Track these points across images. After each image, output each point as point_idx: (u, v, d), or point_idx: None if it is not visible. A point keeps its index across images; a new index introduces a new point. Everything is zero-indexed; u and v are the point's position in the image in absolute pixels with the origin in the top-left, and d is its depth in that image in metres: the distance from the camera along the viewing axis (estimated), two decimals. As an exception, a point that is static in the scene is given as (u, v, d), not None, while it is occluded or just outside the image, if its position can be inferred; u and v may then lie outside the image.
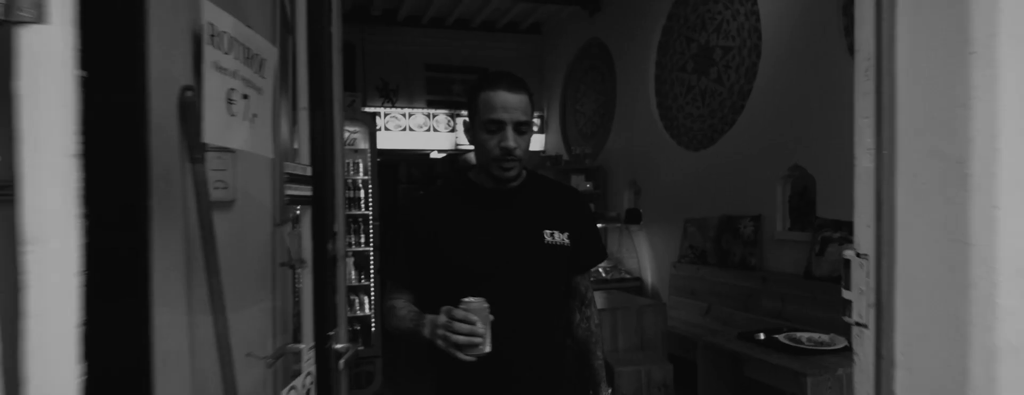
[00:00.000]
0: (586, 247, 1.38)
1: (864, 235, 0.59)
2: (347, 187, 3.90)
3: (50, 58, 0.53)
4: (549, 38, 7.02)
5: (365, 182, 4.04)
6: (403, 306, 1.31)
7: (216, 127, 0.81)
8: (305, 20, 1.18)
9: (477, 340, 1.11)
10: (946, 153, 0.49)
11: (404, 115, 6.73)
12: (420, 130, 6.79)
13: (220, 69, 0.83)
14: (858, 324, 0.62)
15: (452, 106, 6.91)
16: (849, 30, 3.22)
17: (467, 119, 1.32)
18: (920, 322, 0.52)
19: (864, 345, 0.60)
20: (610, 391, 1.45)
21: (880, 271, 0.56)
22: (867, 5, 0.54)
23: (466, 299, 1.14)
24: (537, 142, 6.99)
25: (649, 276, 5.07)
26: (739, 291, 3.81)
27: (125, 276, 0.61)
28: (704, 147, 4.39)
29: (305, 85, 1.21)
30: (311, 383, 1.21)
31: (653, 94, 5.03)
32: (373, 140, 4.08)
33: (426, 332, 1.19)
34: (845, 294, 0.66)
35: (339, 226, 1.24)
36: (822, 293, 3.18)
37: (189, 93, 0.85)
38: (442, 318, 1.15)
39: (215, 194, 1.10)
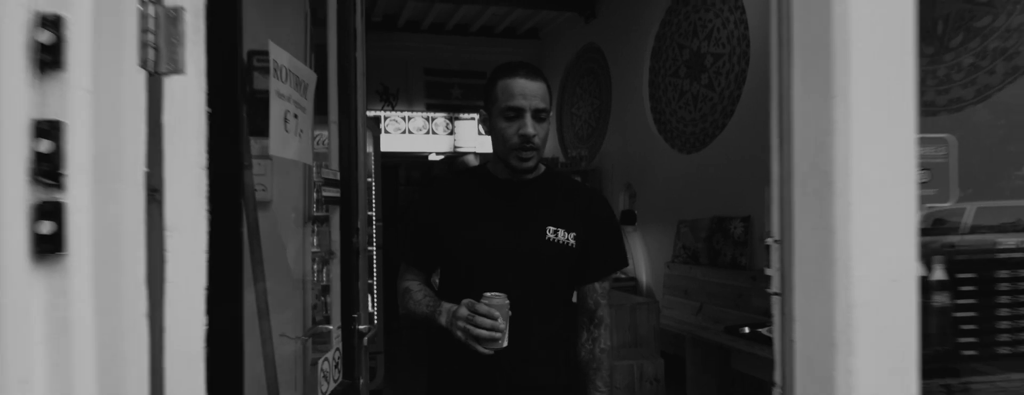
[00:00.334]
0: (598, 254, 1.32)
1: (776, 226, 0.81)
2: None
3: (186, 99, 0.75)
4: (546, 43, 7.25)
5: (369, 185, 4.26)
6: (418, 289, 1.34)
7: (278, 142, 1.03)
8: (335, 48, 1.40)
9: (497, 334, 1.15)
10: (820, 167, 0.71)
11: (404, 118, 6.95)
12: (420, 133, 7.01)
13: (280, 96, 1.04)
14: (775, 294, 0.84)
15: (451, 109, 7.13)
16: None
17: (483, 111, 1.31)
18: (807, 288, 0.74)
19: (777, 309, 0.82)
20: None
21: (783, 253, 0.78)
22: (774, 64, 0.76)
23: (488, 293, 1.17)
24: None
25: (644, 276, 5.29)
26: (730, 290, 4.03)
27: (230, 255, 0.83)
28: (696, 150, 4.62)
29: (335, 103, 1.43)
30: (338, 357, 1.43)
31: (647, 98, 5.26)
32: (377, 144, 4.30)
33: (443, 320, 1.21)
34: (767, 271, 0.88)
35: (362, 223, 1.46)
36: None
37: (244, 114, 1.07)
38: (464, 311, 1.17)
39: (257, 195, 1.32)
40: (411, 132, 6.99)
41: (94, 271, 0.62)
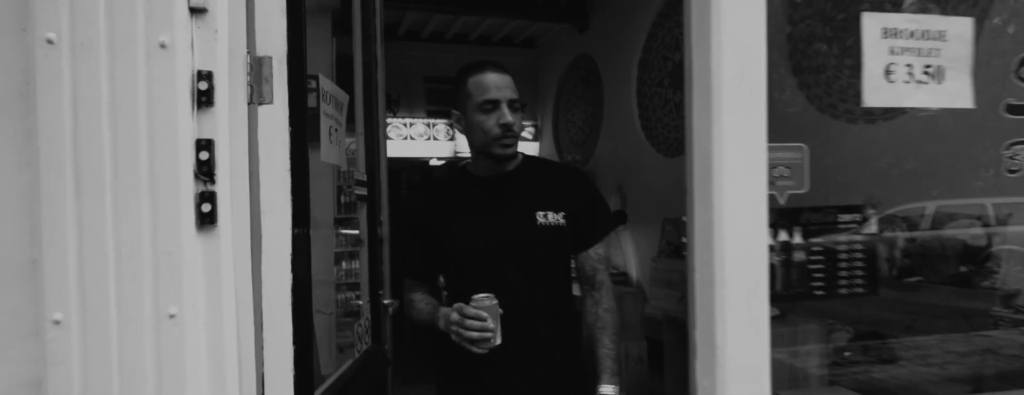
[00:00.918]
0: (587, 223, 1.38)
1: (688, 208, 1.14)
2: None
3: (273, 122, 1.08)
4: (542, 52, 7.60)
5: (376, 187, 4.60)
6: (420, 299, 1.43)
7: (326, 151, 1.36)
8: (362, 74, 1.74)
9: (488, 335, 1.23)
10: (707, 166, 1.04)
11: (405, 125, 7.29)
12: (421, 139, 7.35)
13: (327, 115, 1.38)
14: (693, 269, 1.18)
15: (450, 116, 7.48)
16: (792, 54, 3.79)
17: (456, 111, 1.39)
18: (701, 248, 1.08)
19: (690, 274, 1.16)
20: (615, 387, 1.33)
21: (693, 235, 1.11)
22: (686, 100, 1.10)
23: (476, 296, 1.25)
24: (532, 148, 7.55)
25: (634, 271, 5.63)
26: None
27: (302, 232, 1.15)
28: (679, 154, 4.96)
29: (362, 117, 1.76)
30: (367, 324, 1.76)
31: (635, 106, 5.60)
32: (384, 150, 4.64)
33: (441, 325, 1.30)
34: (684, 239, 1.21)
35: (384, 216, 1.80)
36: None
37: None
38: (454, 315, 1.25)
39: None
40: (412, 138, 7.33)
41: (232, 238, 0.95)
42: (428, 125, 7.38)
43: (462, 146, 7.51)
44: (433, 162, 7.85)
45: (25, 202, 0.86)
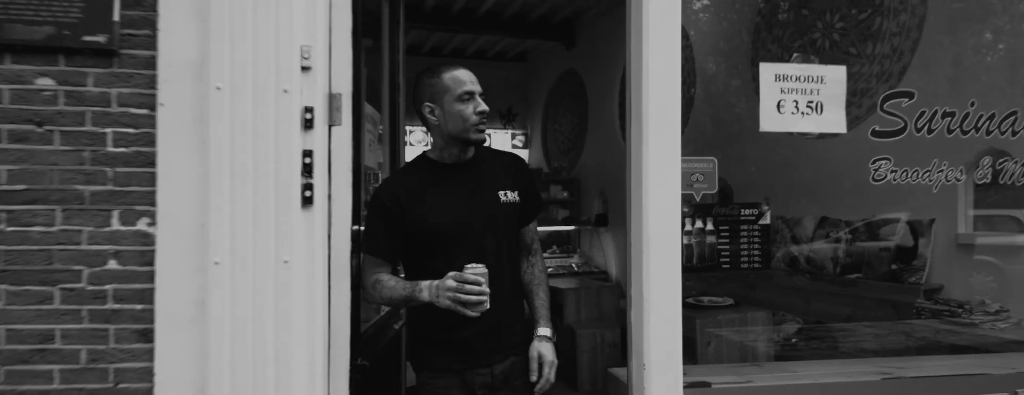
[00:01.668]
0: (530, 201, 1.64)
1: (628, 210, 1.67)
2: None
3: (342, 138, 1.59)
4: (534, 66, 8.16)
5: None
6: (389, 278, 1.54)
7: (368, 157, 1.88)
8: (388, 95, 2.26)
9: (483, 298, 1.38)
10: (639, 173, 1.57)
11: (404, 132, 7.81)
12: (419, 145, 7.85)
13: (369, 131, 1.89)
14: (630, 244, 1.71)
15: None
16: (753, 61, 4.30)
17: (430, 104, 1.54)
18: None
19: (629, 248, 1.68)
20: (549, 329, 1.60)
21: (631, 221, 1.64)
22: (628, 126, 1.63)
23: (471, 265, 1.39)
24: (523, 155, 8.09)
25: (613, 269, 6.16)
26: (687, 280, 4.90)
27: (356, 218, 1.67)
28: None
29: (388, 130, 2.28)
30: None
31: (616, 118, 6.16)
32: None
33: (426, 296, 1.43)
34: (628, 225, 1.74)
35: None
36: (733, 273, 4.27)
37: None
38: (451, 282, 1.38)
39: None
40: (411, 144, 7.83)
41: (322, 215, 1.47)
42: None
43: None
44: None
45: (199, 186, 1.37)
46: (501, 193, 1.58)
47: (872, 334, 3.16)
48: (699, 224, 1.92)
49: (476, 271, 1.39)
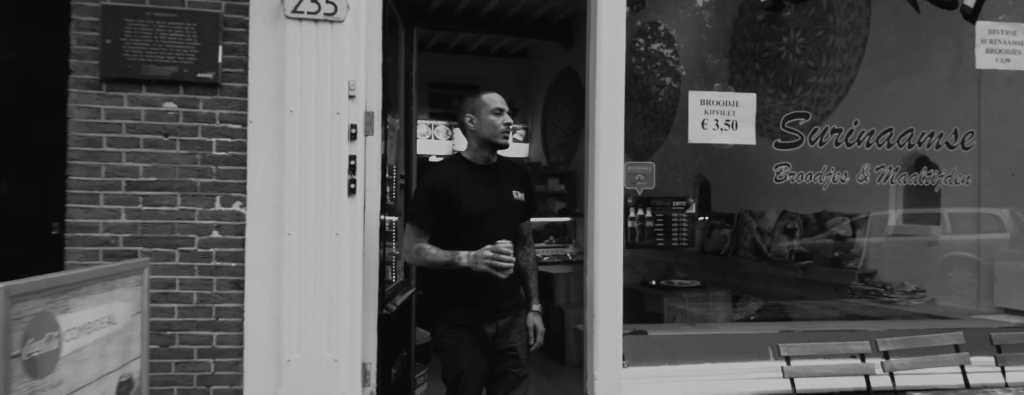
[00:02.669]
0: (531, 203, 2.21)
1: (584, 201, 2.31)
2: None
3: (374, 145, 2.23)
4: (534, 63, 8.77)
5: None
6: (430, 247, 2.01)
7: (391, 157, 2.51)
8: (403, 105, 2.90)
9: (511, 265, 1.88)
10: (591, 173, 2.20)
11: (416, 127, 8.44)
12: (423, 138, 8.48)
13: (389, 136, 2.52)
14: (586, 227, 2.35)
15: (450, 118, 8.61)
16: (731, 82, 4.93)
17: (470, 114, 2.04)
18: (590, 217, 2.25)
19: (585, 231, 2.32)
20: (539, 305, 2.22)
21: (586, 210, 2.27)
22: (586, 132, 2.26)
23: (502, 241, 1.87)
24: (522, 150, 8.72)
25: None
26: (660, 264, 5.54)
27: (386, 205, 2.30)
28: (643, 158, 6.14)
29: (403, 124, 2.92)
30: (401, 266, 2.91)
31: (610, 116, 6.78)
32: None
33: (465, 262, 1.92)
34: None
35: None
36: (708, 261, 4.90)
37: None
38: (488, 252, 1.88)
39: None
40: (416, 138, 8.47)
41: (361, 202, 2.11)
42: (430, 126, 8.51)
43: (459, 145, 8.66)
44: (432, 159, 8.99)
45: (276, 180, 2.02)
46: (514, 192, 2.15)
47: (814, 309, 3.81)
48: (640, 212, 2.56)
49: (507, 245, 1.88)
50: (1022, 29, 2.64)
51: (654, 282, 4.44)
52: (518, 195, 2.16)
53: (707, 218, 5.08)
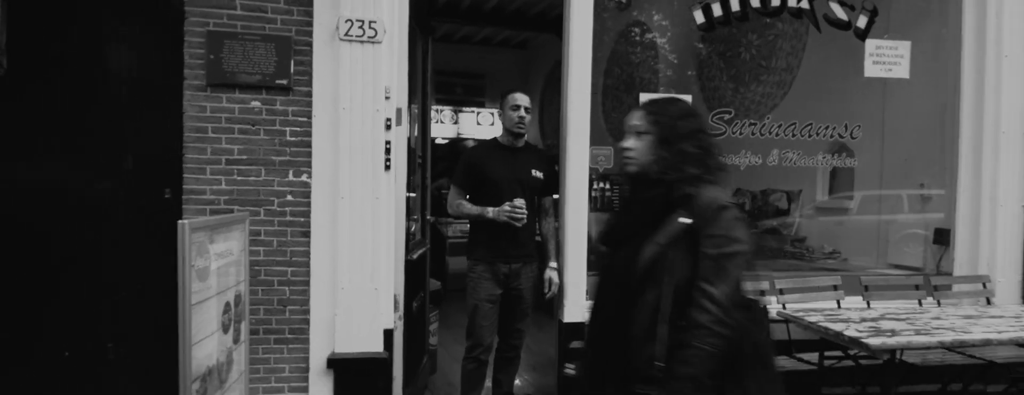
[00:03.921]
0: (550, 182, 2.98)
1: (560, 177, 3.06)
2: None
3: (400, 134, 2.98)
4: (533, 53, 9.45)
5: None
6: (466, 203, 2.91)
7: (413, 140, 3.25)
8: (421, 98, 3.64)
9: (524, 217, 2.77)
10: (563, 154, 2.95)
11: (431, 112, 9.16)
12: (428, 123, 9.20)
13: (409, 124, 3.26)
14: (560, 196, 3.11)
15: (455, 104, 9.33)
16: (699, 77, 5.61)
17: (500, 110, 2.97)
18: (564, 187, 3.01)
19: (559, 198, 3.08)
20: (557, 263, 3.00)
21: (561, 184, 3.03)
22: (563, 125, 3.00)
23: (517, 199, 2.76)
24: (521, 133, 9.47)
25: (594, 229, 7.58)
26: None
27: (408, 182, 3.06)
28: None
29: (420, 110, 3.67)
30: (419, 229, 3.69)
31: (600, 105, 7.49)
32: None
33: (491, 214, 2.78)
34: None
35: (428, 174, 3.71)
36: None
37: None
38: (506, 207, 2.75)
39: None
40: (431, 122, 9.19)
41: (393, 175, 2.87)
42: (436, 110, 9.23)
43: (463, 129, 9.41)
44: (438, 141, 9.72)
45: (333, 158, 2.78)
46: (533, 171, 2.96)
47: (758, 269, 4.58)
48: (601, 185, 3.31)
49: (521, 202, 2.82)
50: (903, 45, 3.37)
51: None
52: (536, 174, 2.95)
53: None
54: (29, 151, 2.66)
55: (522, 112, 2.92)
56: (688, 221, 1.39)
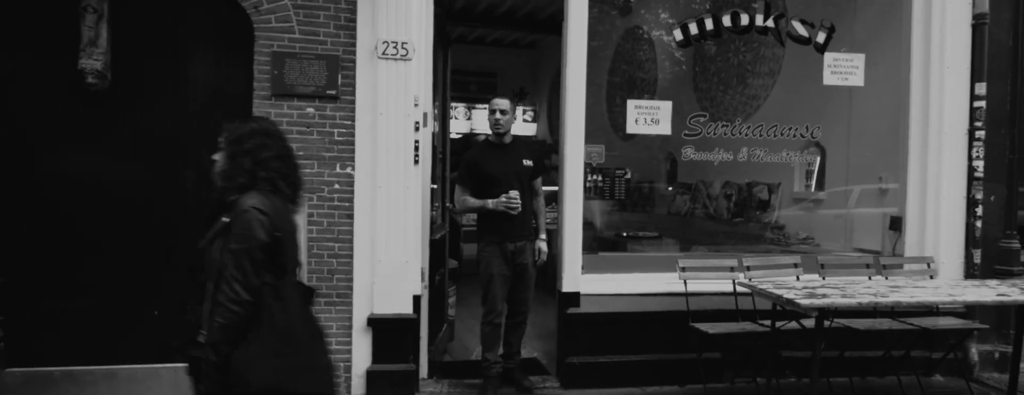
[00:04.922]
0: (538, 167, 3.54)
1: (559, 168, 3.66)
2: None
3: (427, 134, 3.60)
4: (541, 54, 10.03)
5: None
6: (470, 197, 3.48)
7: (436, 139, 3.86)
8: (441, 99, 4.26)
9: (519, 205, 3.37)
10: (561, 150, 3.56)
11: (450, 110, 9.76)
12: (464, 120, 9.79)
13: (428, 125, 3.86)
14: (559, 185, 3.73)
15: (469, 101, 9.94)
16: (695, 82, 6.19)
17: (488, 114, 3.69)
18: (562, 178, 3.62)
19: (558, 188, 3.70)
20: (544, 235, 3.62)
21: (559, 174, 3.64)
22: (562, 124, 3.60)
23: (512, 191, 3.36)
24: (530, 129, 10.05)
25: (597, 220, 8.18)
26: (635, 223, 6.91)
27: (433, 174, 3.67)
28: (631, 139, 7.46)
29: (441, 115, 4.29)
30: (439, 213, 4.32)
31: (604, 101, 8.07)
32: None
33: (491, 205, 3.38)
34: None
35: (448, 167, 4.35)
36: (674, 221, 6.26)
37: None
38: (503, 199, 3.34)
39: (413, 156, 4.19)
40: (450, 119, 9.80)
41: (420, 168, 3.50)
42: (451, 107, 9.85)
43: (476, 125, 10.01)
44: (452, 136, 10.33)
45: (372, 154, 3.41)
46: (523, 160, 3.54)
47: (738, 252, 5.17)
48: (594, 177, 3.92)
49: (515, 193, 3.41)
50: (857, 57, 3.93)
51: (625, 234, 5.83)
52: (526, 162, 3.53)
53: (672, 188, 6.43)
54: (132, 150, 3.32)
55: (498, 115, 3.48)
56: (226, 220, 1.77)
